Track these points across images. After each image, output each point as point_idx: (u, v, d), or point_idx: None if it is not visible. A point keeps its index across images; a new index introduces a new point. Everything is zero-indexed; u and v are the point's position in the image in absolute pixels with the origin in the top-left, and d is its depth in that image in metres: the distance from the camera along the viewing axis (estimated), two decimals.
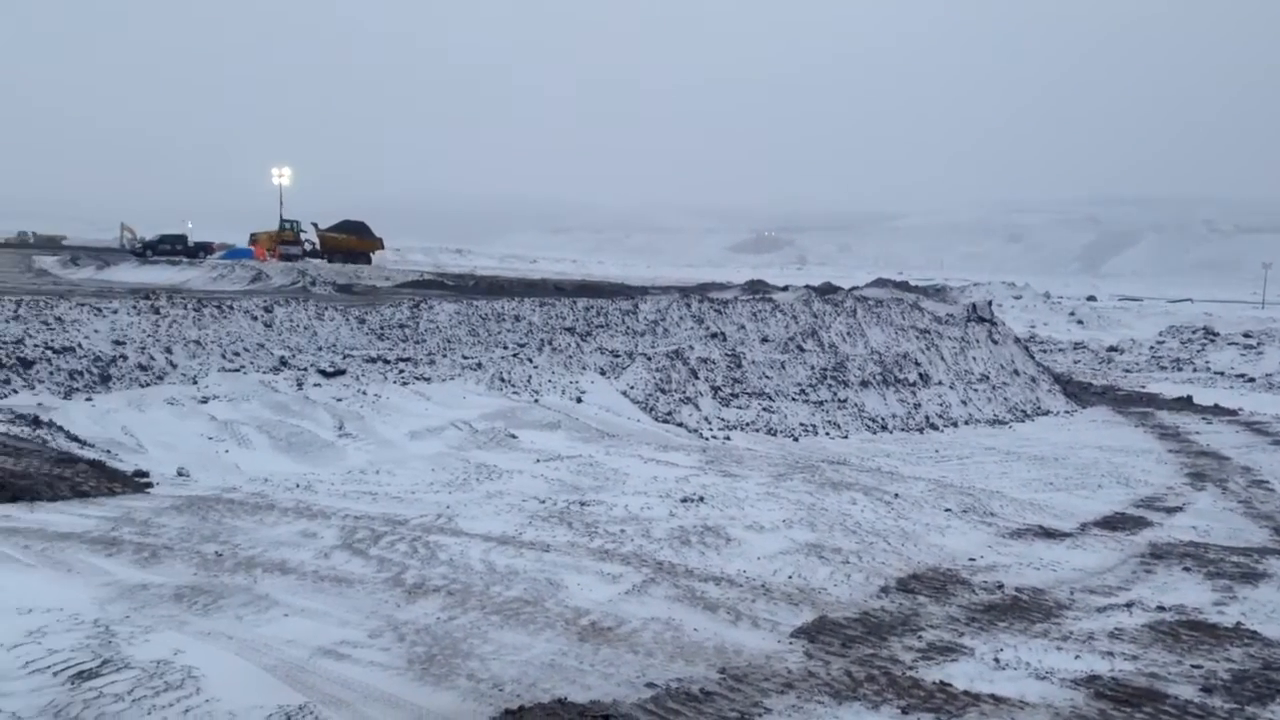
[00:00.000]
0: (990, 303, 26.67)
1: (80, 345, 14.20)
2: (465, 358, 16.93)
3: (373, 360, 16.07)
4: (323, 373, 14.76)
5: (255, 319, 17.21)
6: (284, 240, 61.38)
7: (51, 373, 13.10)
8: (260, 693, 5.18)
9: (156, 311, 16.27)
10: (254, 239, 63.04)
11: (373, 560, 7.59)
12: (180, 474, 10.26)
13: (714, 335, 19.58)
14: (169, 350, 14.73)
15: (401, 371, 15.46)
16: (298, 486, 10.01)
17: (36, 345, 13.84)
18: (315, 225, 62.61)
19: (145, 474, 10.09)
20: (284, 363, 15.38)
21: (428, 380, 15.05)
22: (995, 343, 21.93)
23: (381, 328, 18.45)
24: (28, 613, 5.98)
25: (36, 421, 11.19)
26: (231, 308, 17.48)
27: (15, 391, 12.37)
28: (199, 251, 61.17)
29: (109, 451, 10.73)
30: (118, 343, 14.66)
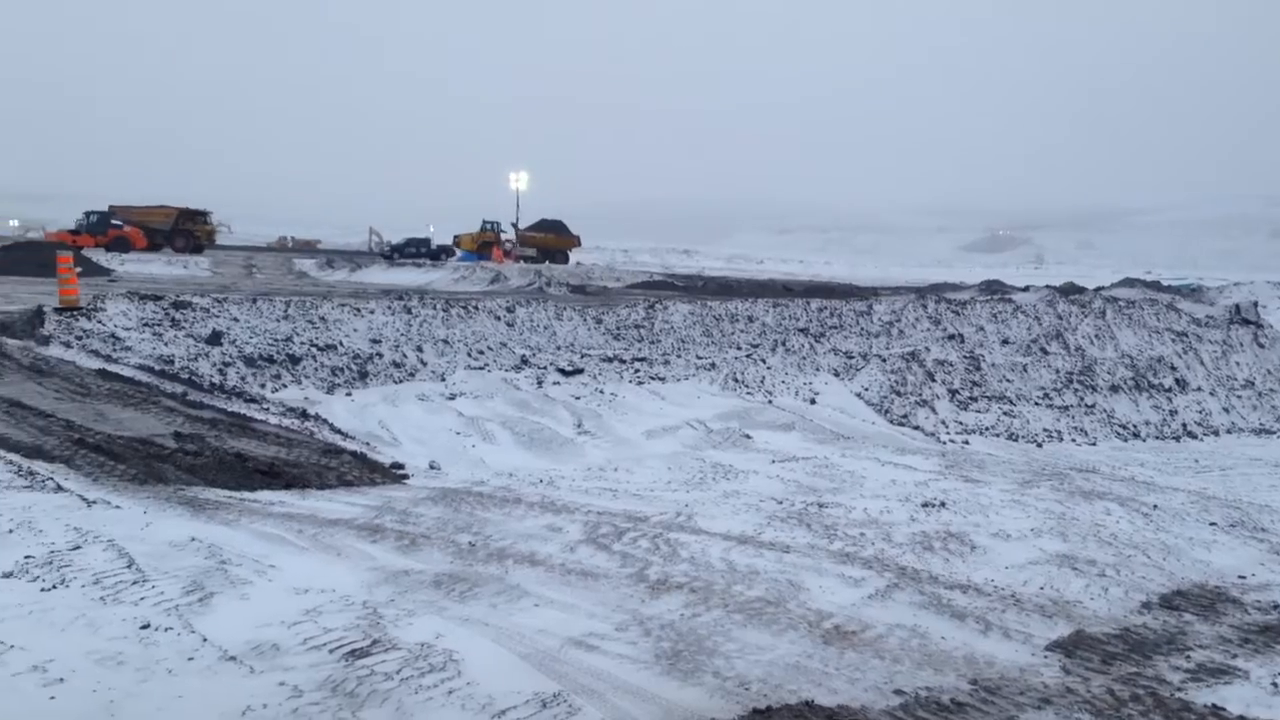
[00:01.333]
0: (1255, 303, 24.88)
1: (341, 343, 15.13)
2: (699, 358, 17.06)
3: (609, 359, 16.41)
4: (561, 371, 15.18)
5: (498, 319, 17.88)
6: (485, 240, 63.51)
7: (316, 369, 14.02)
8: (516, 679, 5.38)
9: (409, 311, 17.16)
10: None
11: (616, 555, 7.75)
12: (432, 467, 10.79)
13: (951, 337, 19.03)
14: (420, 349, 15.50)
15: (637, 371, 15.72)
16: (541, 482, 10.33)
17: (303, 343, 14.83)
18: (515, 225, 64.52)
19: (401, 466, 10.67)
20: (525, 361, 15.91)
21: (662, 380, 15.26)
22: (1262, 346, 20.41)
23: (617, 328, 18.83)
24: (304, 593, 6.43)
25: (304, 414, 12.03)
26: (476, 308, 18.22)
27: (285, 386, 13.31)
28: (441, 254, 64.05)
29: (368, 444, 11.40)
30: (374, 341, 15.54)
